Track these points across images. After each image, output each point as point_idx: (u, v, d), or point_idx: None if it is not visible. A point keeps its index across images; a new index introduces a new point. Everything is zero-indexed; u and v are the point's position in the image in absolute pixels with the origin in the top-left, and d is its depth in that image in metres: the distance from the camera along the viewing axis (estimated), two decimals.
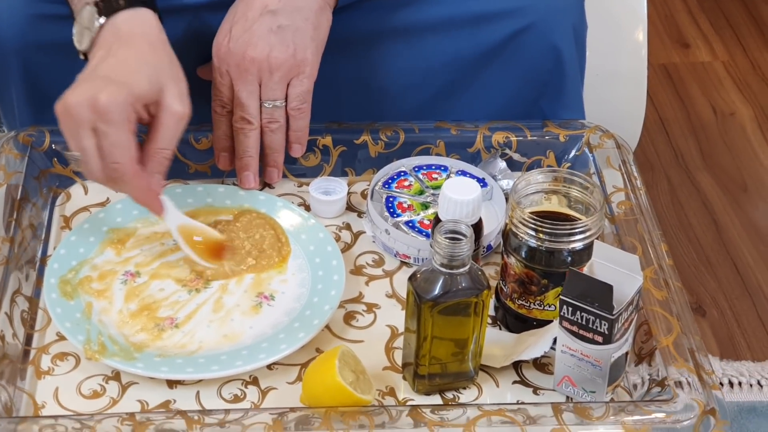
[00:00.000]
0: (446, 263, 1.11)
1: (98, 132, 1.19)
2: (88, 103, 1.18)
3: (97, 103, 1.18)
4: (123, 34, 1.27)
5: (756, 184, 2.50)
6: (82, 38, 1.29)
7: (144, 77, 1.22)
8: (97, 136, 1.19)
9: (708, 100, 2.76)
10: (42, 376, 1.19)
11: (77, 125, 1.19)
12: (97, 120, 1.18)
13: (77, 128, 1.19)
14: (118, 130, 1.19)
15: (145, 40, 1.27)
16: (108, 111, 1.18)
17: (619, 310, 1.11)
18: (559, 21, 1.49)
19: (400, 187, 1.39)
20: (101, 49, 1.27)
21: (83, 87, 1.21)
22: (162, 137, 1.24)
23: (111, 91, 1.19)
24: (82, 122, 1.19)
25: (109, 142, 1.19)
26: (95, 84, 1.20)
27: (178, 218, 1.29)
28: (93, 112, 1.18)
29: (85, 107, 1.18)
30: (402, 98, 1.52)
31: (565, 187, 1.23)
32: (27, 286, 1.28)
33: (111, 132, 1.19)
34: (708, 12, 3.07)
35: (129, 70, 1.23)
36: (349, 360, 1.15)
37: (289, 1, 1.35)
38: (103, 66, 1.24)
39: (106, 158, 1.20)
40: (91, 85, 1.21)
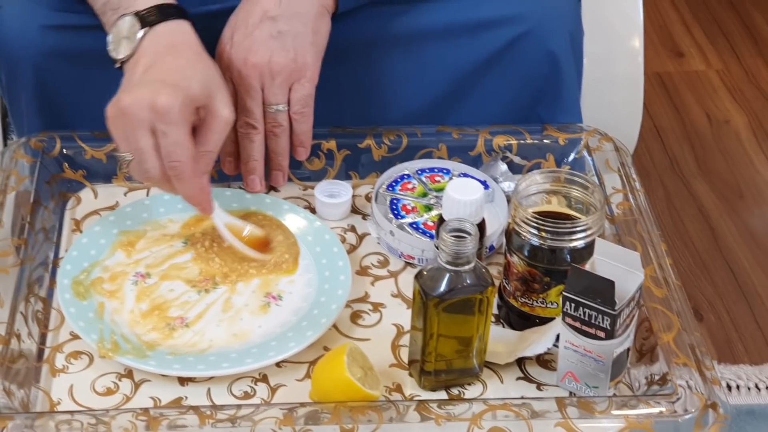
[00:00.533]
0: (451, 261, 1.14)
1: (157, 132, 1.22)
2: (147, 104, 1.21)
3: (156, 104, 1.20)
4: (167, 43, 1.30)
5: (751, 190, 2.53)
6: (119, 47, 1.31)
7: (196, 82, 1.25)
8: (156, 136, 1.22)
9: (703, 108, 2.79)
10: (57, 374, 1.22)
11: (135, 125, 1.22)
12: (157, 120, 1.21)
13: (135, 128, 1.22)
14: (178, 129, 1.22)
15: (190, 49, 1.31)
16: (169, 111, 1.21)
17: (621, 305, 1.13)
18: (555, 28, 1.51)
19: (404, 190, 1.41)
20: (146, 56, 1.29)
21: (139, 90, 1.23)
22: (210, 140, 1.27)
23: (169, 93, 1.21)
24: (141, 122, 1.21)
25: (169, 142, 1.22)
26: (152, 86, 1.23)
27: (225, 217, 1.33)
28: (152, 113, 1.21)
29: (144, 108, 1.21)
30: (401, 104, 1.54)
31: (566, 188, 1.26)
32: (40, 287, 1.31)
33: (172, 131, 1.22)
34: (702, 21, 3.11)
35: (182, 74, 1.26)
36: (357, 356, 1.18)
37: (289, 7, 1.38)
38: (153, 71, 1.27)
39: (166, 158, 1.23)
40: (148, 88, 1.23)
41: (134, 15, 1.31)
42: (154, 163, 1.23)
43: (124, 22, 1.31)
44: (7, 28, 1.45)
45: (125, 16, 1.31)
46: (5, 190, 1.38)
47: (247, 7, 1.38)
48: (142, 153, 1.23)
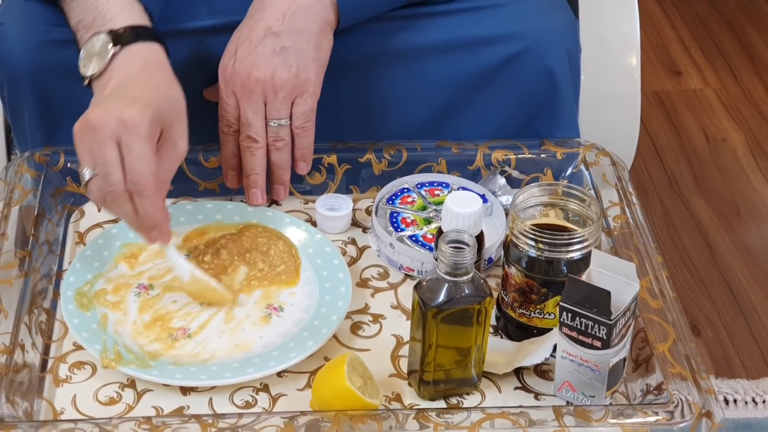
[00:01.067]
0: (450, 271, 1.15)
1: (123, 146, 1.20)
2: (116, 117, 1.19)
3: (124, 117, 1.19)
4: (140, 63, 1.30)
5: (748, 207, 2.55)
6: (89, 64, 1.31)
7: (166, 104, 1.25)
8: (121, 150, 1.20)
9: (700, 127, 2.81)
10: (60, 383, 1.23)
11: (102, 138, 1.20)
12: (124, 133, 1.19)
13: (102, 141, 1.20)
14: (144, 144, 1.20)
15: (163, 72, 1.30)
16: (136, 125, 1.19)
17: (617, 315, 1.15)
18: (553, 45, 1.53)
19: (404, 203, 1.43)
20: (118, 75, 1.29)
21: (107, 104, 1.23)
22: (165, 169, 1.25)
23: (138, 108, 1.20)
24: (107, 135, 1.19)
25: (134, 156, 1.20)
26: (122, 101, 1.22)
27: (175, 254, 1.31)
28: (119, 126, 1.19)
29: (112, 120, 1.19)
30: (400, 119, 1.56)
31: (564, 201, 1.27)
32: (44, 299, 1.32)
33: (137, 146, 1.19)
34: (699, 41, 3.13)
35: (153, 94, 1.25)
36: (357, 366, 1.19)
37: (291, 24, 1.40)
38: (126, 87, 1.27)
39: (130, 172, 1.20)
40: (117, 102, 1.22)
41: (108, 33, 1.31)
42: (119, 176, 1.20)
43: (97, 40, 1.31)
44: (8, 43, 1.47)
45: (99, 34, 1.31)
46: (10, 204, 1.39)
47: (250, 22, 1.40)
48: (108, 166, 1.20)
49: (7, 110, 1.53)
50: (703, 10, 3.27)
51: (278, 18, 1.40)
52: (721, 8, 3.27)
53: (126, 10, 1.33)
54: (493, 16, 1.52)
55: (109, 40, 1.31)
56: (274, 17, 1.40)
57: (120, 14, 1.32)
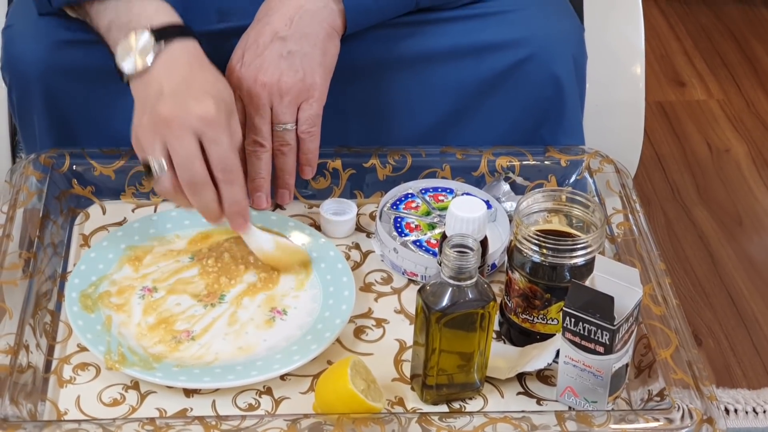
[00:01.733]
0: (454, 275, 1.16)
1: (206, 140, 1.25)
2: (194, 112, 1.25)
3: (202, 111, 1.25)
4: (185, 59, 1.32)
5: (750, 218, 2.55)
6: (129, 62, 1.32)
7: (228, 97, 1.30)
8: (203, 142, 1.25)
9: (703, 137, 2.81)
10: (64, 384, 1.23)
11: (180, 132, 1.25)
12: (205, 127, 1.25)
13: (181, 135, 1.25)
14: (228, 136, 1.27)
15: (212, 67, 1.33)
16: (217, 119, 1.25)
17: (620, 321, 1.15)
18: (559, 51, 1.53)
19: (408, 209, 1.43)
20: (168, 71, 1.31)
21: (179, 99, 1.27)
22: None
23: (212, 102, 1.26)
24: (186, 129, 1.25)
25: (222, 148, 1.26)
26: (195, 95, 1.27)
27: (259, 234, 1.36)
28: (200, 121, 1.25)
29: (191, 115, 1.25)
30: (406, 125, 1.56)
31: (567, 207, 1.28)
32: (49, 300, 1.33)
33: (223, 139, 1.26)
34: (703, 52, 3.14)
35: (218, 87, 1.30)
36: (361, 369, 1.19)
37: (299, 28, 1.40)
38: (189, 82, 1.29)
39: (219, 164, 1.26)
40: (189, 97, 1.27)
41: (150, 30, 1.32)
42: (201, 166, 1.26)
43: (135, 38, 1.32)
44: (18, 45, 1.47)
45: (138, 31, 1.32)
46: (15, 205, 1.40)
47: (257, 27, 1.41)
48: (188, 158, 1.25)
49: (15, 112, 1.53)
50: (707, 21, 3.27)
51: (285, 23, 1.40)
52: (725, 20, 3.28)
53: (162, 10, 1.35)
54: (499, 22, 1.52)
55: (151, 37, 1.32)
56: (281, 22, 1.40)
57: (157, 13, 1.34)
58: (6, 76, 1.51)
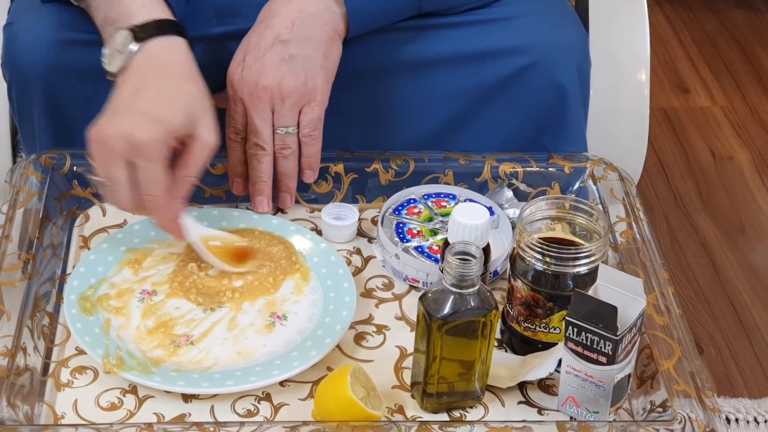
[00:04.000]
0: (456, 283, 1.15)
1: (134, 166, 1.23)
2: (125, 138, 1.22)
3: (134, 140, 1.22)
4: (157, 62, 1.31)
5: (753, 226, 2.54)
6: (113, 60, 1.32)
7: (180, 112, 1.26)
8: (132, 169, 1.24)
9: (707, 144, 2.81)
10: (61, 388, 1.23)
11: (111, 157, 1.23)
12: (134, 154, 1.23)
13: (111, 159, 1.24)
14: (154, 165, 1.24)
15: (179, 70, 1.31)
16: (146, 147, 1.23)
17: (623, 331, 1.14)
18: (563, 59, 1.52)
19: (410, 214, 1.42)
20: (135, 76, 1.30)
21: (120, 119, 1.25)
22: (191, 165, 1.29)
23: (149, 129, 1.23)
24: (116, 155, 1.23)
25: (145, 177, 1.24)
26: (132, 118, 1.25)
27: (200, 230, 1.34)
28: (129, 147, 1.22)
29: (121, 141, 1.22)
30: (408, 130, 1.55)
31: (571, 215, 1.27)
32: (47, 302, 1.32)
33: (149, 168, 1.24)
34: (707, 58, 3.13)
35: (165, 104, 1.27)
36: (361, 377, 1.19)
37: (300, 31, 1.39)
38: (139, 99, 1.27)
39: (141, 190, 1.25)
40: (129, 119, 1.25)
41: (129, 29, 1.31)
42: (127, 194, 1.25)
43: (119, 36, 1.31)
44: (19, 44, 1.46)
45: (121, 30, 1.32)
46: (15, 206, 1.39)
47: (259, 30, 1.40)
48: (116, 184, 1.24)
49: (15, 110, 1.53)
50: (711, 28, 3.27)
51: (287, 26, 1.39)
52: (729, 26, 3.27)
53: (149, 5, 1.33)
54: (502, 29, 1.52)
55: (130, 36, 1.31)
56: (282, 25, 1.40)
57: (142, 9, 1.33)
58: (6, 73, 1.50)
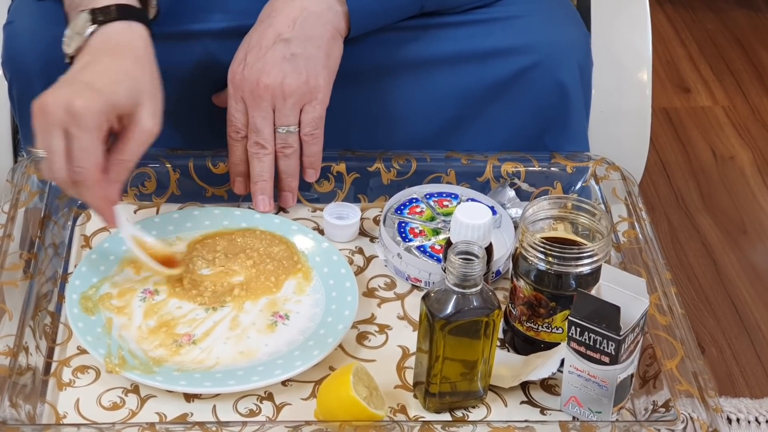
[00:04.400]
0: (459, 283, 1.15)
1: (69, 135, 1.20)
2: (64, 105, 1.20)
3: (72, 107, 1.20)
4: (111, 43, 1.29)
5: (755, 226, 2.54)
6: (71, 42, 1.31)
7: (123, 89, 1.25)
8: (68, 138, 1.21)
9: (708, 144, 2.81)
10: (63, 387, 1.22)
11: (49, 125, 1.20)
12: (70, 123, 1.20)
13: (49, 127, 1.21)
14: (88, 135, 1.20)
15: (132, 53, 1.30)
16: (82, 115, 1.20)
17: (626, 331, 1.14)
18: (565, 58, 1.52)
19: (412, 214, 1.42)
20: (87, 55, 1.29)
21: (62, 89, 1.23)
22: (129, 149, 1.26)
23: (88, 97, 1.21)
24: (54, 122, 1.20)
25: (78, 146, 1.21)
26: (74, 88, 1.23)
27: (131, 229, 1.32)
28: (67, 115, 1.20)
29: (60, 108, 1.20)
30: (410, 129, 1.55)
31: (573, 214, 1.27)
32: (49, 302, 1.31)
33: (81, 137, 1.20)
34: (709, 58, 3.13)
35: (110, 79, 1.25)
36: (363, 376, 1.18)
37: (302, 30, 1.39)
38: (86, 71, 1.26)
39: (73, 162, 1.21)
40: (71, 88, 1.23)
41: (89, 12, 1.30)
42: (62, 165, 1.21)
43: (79, 18, 1.31)
44: (19, 42, 1.46)
45: (82, 12, 1.31)
46: (16, 205, 1.39)
47: (260, 28, 1.40)
48: (52, 153, 1.21)
49: (16, 108, 1.53)
50: (713, 27, 3.26)
51: (288, 24, 1.39)
52: (731, 26, 3.27)
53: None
54: (504, 28, 1.52)
55: (89, 18, 1.30)
56: (284, 24, 1.39)
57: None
58: (7, 72, 1.50)
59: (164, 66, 1.48)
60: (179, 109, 1.51)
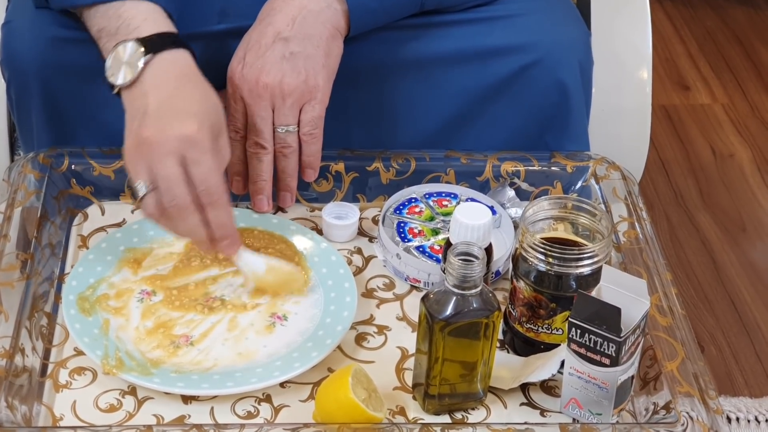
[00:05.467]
0: (458, 284, 1.14)
1: (188, 161, 1.20)
2: (176, 134, 1.20)
3: (186, 133, 1.20)
4: (175, 72, 1.28)
5: (754, 224, 2.53)
6: (118, 73, 1.28)
7: (214, 115, 1.25)
8: (185, 165, 1.20)
9: (707, 142, 2.80)
10: (60, 389, 1.22)
11: (161, 155, 1.20)
12: (187, 148, 1.20)
13: (162, 157, 1.20)
14: (209, 156, 1.21)
15: (198, 80, 1.29)
16: (199, 139, 1.20)
17: (627, 333, 1.13)
18: (565, 57, 1.52)
19: (411, 213, 1.42)
20: (155, 85, 1.27)
21: (159, 121, 1.22)
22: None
23: (197, 122, 1.21)
24: (167, 151, 1.20)
25: (203, 170, 1.21)
26: (177, 116, 1.22)
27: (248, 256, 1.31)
28: (180, 141, 1.20)
29: (170, 137, 1.20)
30: (409, 128, 1.54)
31: (574, 215, 1.26)
32: (45, 302, 1.31)
33: (203, 158, 1.21)
34: (708, 55, 3.12)
35: (200, 106, 1.25)
36: (362, 378, 1.18)
37: (301, 29, 1.38)
38: (177, 100, 1.25)
39: (201, 185, 1.21)
40: (173, 116, 1.22)
41: (136, 41, 1.29)
42: (184, 189, 1.21)
43: (125, 48, 1.28)
44: (17, 42, 1.46)
45: (126, 42, 1.29)
46: (12, 205, 1.38)
47: (260, 27, 1.39)
48: (170, 181, 1.20)
49: (14, 109, 1.52)
50: (712, 24, 3.26)
51: (288, 23, 1.38)
52: (730, 23, 3.26)
53: (151, 18, 1.31)
54: (505, 27, 1.51)
55: (138, 47, 1.28)
56: (283, 22, 1.38)
57: (145, 22, 1.30)
58: (5, 71, 1.49)
59: None
60: None
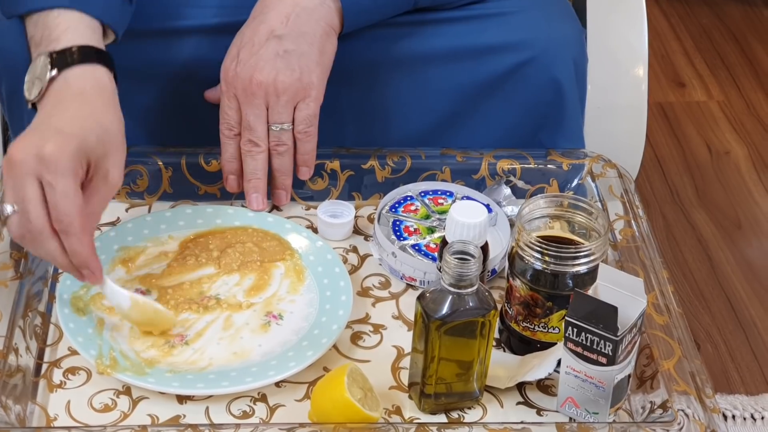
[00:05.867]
0: (454, 283, 1.13)
1: (45, 183, 1.14)
2: (34, 153, 1.13)
3: (43, 152, 1.13)
4: (77, 89, 1.23)
5: (750, 221, 2.53)
6: (32, 87, 1.25)
7: (94, 135, 1.18)
8: (44, 187, 1.14)
9: (703, 139, 2.80)
10: (54, 389, 1.21)
11: (20, 174, 1.14)
12: (44, 170, 1.13)
13: (20, 177, 1.14)
14: (66, 180, 1.13)
15: (99, 99, 1.24)
16: (56, 160, 1.13)
17: (623, 331, 1.13)
18: (559, 55, 1.51)
19: (407, 212, 1.41)
20: (51, 101, 1.23)
21: (29, 137, 1.17)
22: (96, 202, 1.19)
23: (58, 142, 1.14)
24: (26, 172, 1.13)
25: (57, 193, 1.13)
26: (43, 134, 1.16)
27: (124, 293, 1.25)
28: (38, 162, 1.13)
29: (30, 156, 1.13)
30: (404, 126, 1.54)
31: (570, 213, 1.25)
32: (39, 302, 1.30)
33: (59, 182, 1.13)
34: (704, 53, 3.12)
35: (80, 125, 1.18)
36: (358, 377, 1.17)
37: (295, 27, 1.38)
38: (53, 118, 1.20)
39: (53, 210, 1.14)
40: (39, 135, 1.16)
41: (48, 55, 1.24)
42: (39, 213, 1.14)
43: (39, 61, 1.25)
44: (7, 38, 1.45)
45: (41, 56, 1.25)
46: None
47: (253, 25, 1.38)
48: (26, 203, 1.14)
49: (5, 107, 1.51)
50: (708, 22, 3.25)
51: (281, 21, 1.38)
52: (726, 21, 3.26)
53: (73, 28, 1.26)
54: (499, 24, 1.50)
55: (47, 62, 1.24)
56: (277, 20, 1.38)
57: (65, 33, 1.26)
58: None
59: (156, 62, 1.48)
60: (172, 105, 1.50)
